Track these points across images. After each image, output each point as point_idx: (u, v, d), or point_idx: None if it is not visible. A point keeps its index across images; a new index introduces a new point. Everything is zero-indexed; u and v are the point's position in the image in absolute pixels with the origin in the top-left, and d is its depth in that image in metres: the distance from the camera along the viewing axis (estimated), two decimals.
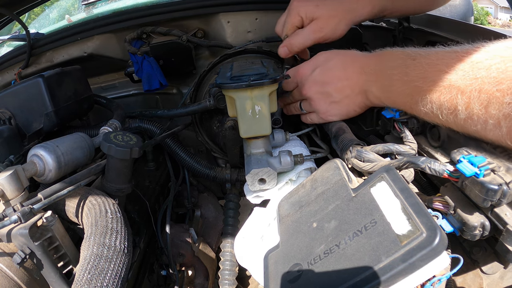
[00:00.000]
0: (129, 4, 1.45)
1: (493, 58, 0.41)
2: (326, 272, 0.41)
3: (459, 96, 0.44)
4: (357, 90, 0.65)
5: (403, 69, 0.53)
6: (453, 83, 0.44)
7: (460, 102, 0.43)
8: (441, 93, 0.46)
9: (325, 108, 0.71)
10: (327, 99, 0.69)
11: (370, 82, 0.62)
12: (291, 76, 0.75)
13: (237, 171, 1.06)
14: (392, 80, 0.56)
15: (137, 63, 1.12)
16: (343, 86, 0.66)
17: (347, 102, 0.68)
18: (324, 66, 0.69)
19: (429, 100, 0.48)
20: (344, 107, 0.69)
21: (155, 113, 1.09)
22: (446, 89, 0.45)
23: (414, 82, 0.51)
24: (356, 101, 0.66)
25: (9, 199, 0.58)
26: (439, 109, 0.47)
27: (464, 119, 0.44)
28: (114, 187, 0.72)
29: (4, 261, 0.58)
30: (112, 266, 0.55)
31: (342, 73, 0.66)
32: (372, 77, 0.61)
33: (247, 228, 0.67)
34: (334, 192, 0.51)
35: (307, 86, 0.71)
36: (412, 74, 0.51)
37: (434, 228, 0.36)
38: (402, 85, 0.54)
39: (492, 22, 19.30)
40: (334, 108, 0.70)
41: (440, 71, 0.46)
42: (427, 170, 0.46)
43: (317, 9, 0.74)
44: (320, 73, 0.69)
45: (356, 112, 0.69)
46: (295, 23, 0.77)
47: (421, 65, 0.50)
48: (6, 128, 0.80)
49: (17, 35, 1.38)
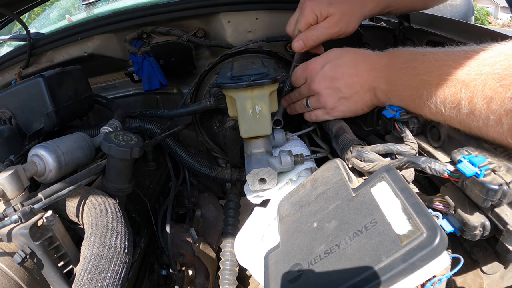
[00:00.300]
0: (129, 4, 1.45)
1: (498, 56, 0.42)
2: (326, 272, 0.41)
3: (463, 90, 0.45)
4: (367, 87, 0.66)
5: (412, 64, 0.55)
6: (458, 77, 0.46)
7: (464, 96, 0.44)
8: (446, 87, 0.47)
9: (334, 103, 0.71)
10: (337, 94, 0.70)
11: (379, 79, 0.63)
12: (300, 71, 0.75)
13: (237, 171, 1.06)
14: (400, 74, 0.58)
15: (138, 63, 1.12)
16: (353, 82, 0.67)
17: (356, 98, 0.68)
18: (334, 62, 0.69)
19: (434, 94, 0.49)
20: (353, 104, 0.69)
21: (155, 113, 1.09)
22: (451, 83, 0.46)
23: (421, 75, 0.52)
24: (365, 98, 0.67)
25: (9, 199, 0.58)
26: (443, 103, 0.48)
27: (466, 114, 0.45)
28: (114, 187, 0.72)
29: (5, 261, 0.58)
30: (113, 266, 0.55)
31: (353, 70, 0.66)
32: (382, 74, 0.62)
33: (248, 228, 0.67)
34: (334, 192, 0.51)
35: (317, 81, 0.71)
36: (420, 68, 0.53)
37: (435, 228, 0.36)
38: (409, 79, 0.55)
39: (493, 22, 19.29)
40: (343, 104, 0.70)
41: (447, 66, 0.48)
42: (427, 170, 0.46)
43: (330, 7, 0.76)
44: (330, 68, 0.69)
45: (363, 111, 0.70)
46: (309, 20, 0.78)
47: (429, 60, 0.52)
48: (7, 128, 0.80)
49: (17, 35, 1.39)
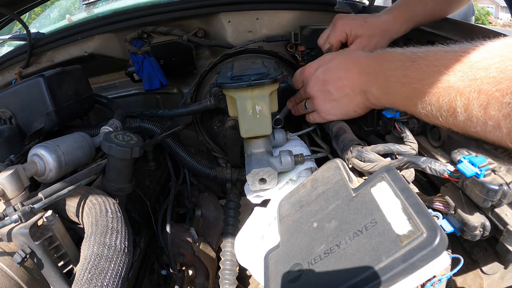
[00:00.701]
0: (129, 4, 1.44)
1: (492, 58, 0.40)
2: (326, 272, 0.41)
3: (458, 98, 0.43)
4: (357, 90, 0.66)
5: (402, 71, 0.54)
6: (452, 84, 0.44)
7: (459, 104, 0.43)
8: (439, 95, 0.46)
9: (325, 106, 0.72)
10: (327, 97, 0.71)
11: (369, 83, 0.63)
12: (298, 74, 0.78)
13: (237, 171, 1.06)
14: (390, 82, 0.57)
15: (138, 63, 1.12)
16: (343, 85, 0.67)
17: (346, 101, 0.68)
18: (326, 66, 0.71)
19: (428, 102, 0.48)
20: (344, 107, 0.70)
21: (155, 113, 1.09)
22: (444, 91, 0.45)
23: (412, 84, 0.51)
24: (356, 101, 0.67)
25: (9, 199, 0.58)
26: (438, 111, 0.47)
27: (463, 121, 0.44)
28: (114, 187, 0.72)
29: (5, 261, 0.58)
30: (113, 265, 0.55)
31: (343, 73, 0.67)
32: (372, 78, 0.62)
33: (248, 228, 0.67)
34: (334, 192, 0.51)
35: (311, 85, 0.73)
36: (411, 76, 0.51)
37: (435, 228, 0.36)
38: (401, 87, 0.54)
39: (493, 22, 19.27)
40: (334, 107, 0.71)
41: (439, 73, 0.46)
42: (427, 170, 0.46)
43: (360, 28, 0.83)
44: (322, 72, 0.71)
45: (356, 113, 0.70)
46: (340, 37, 0.85)
47: (419, 67, 0.50)
48: (7, 128, 0.80)
49: (17, 35, 1.38)
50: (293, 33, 1.15)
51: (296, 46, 1.17)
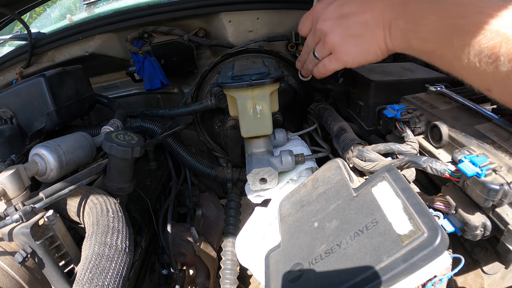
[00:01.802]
0: (130, 4, 1.44)
1: None
2: (327, 272, 0.41)
3: (504, 45, 0.38)
4: (381, 23, 0.56)
5: (439, 4, 0.47)
6: (499, 28, 0.39)
7: (504, 52, 0.38)
8: (483, 37, 0.40)
9: (342, 43, 0.61)
10: (345, 32, 0.60)
11: (397, 14, 0.54)
12: (306, 14, 0.68)
13: (238, 171, 1.06)
14: (425, 12, 0.48)
15: (139, 63, 1.12)
16: (365, 18, 0.57)
17: (368, 37, 0.58)
18: None
19: (468, 43, 0.41)
20: (365, 44, 0.59)
21: (156, 113, 1.09)
22: (490, 33, 0.39)
23: (453, 18, 0.44)
24: (379, 37, 0.57)
25: (10, 198, 0.58)
26: (478, 55, 0.41)
27: (506, 72, 0.38)
28: (115, 186, 0.72)
29: (6, 260, 0.58)
30: (114, 265, 0.55)
31: (366, 5, 0.58)
32: (401, 9, 0.53)
33: (249, 228, 0.67)
34: (335, 192, 0.51)
35: (322, 19, 0.62)
36: (451, 10, 0.45)
37: (436, 228, 0.36)
38: (438, 20, 0.46)
39: None
40: (353, 44, 0.60)
41: (483, 14, 0.41)
42: (428, 170, 0.46)
43: None
44: (338, 5, 0.61)
45: (376, 55, 0.60)
46: None
47: (461, 3, 0.44)
48: (8, 128, 0.80)
49: (18, 35, 1.39)
50: (294, 33, 1.14)
51: (297, 45, 1.17)
